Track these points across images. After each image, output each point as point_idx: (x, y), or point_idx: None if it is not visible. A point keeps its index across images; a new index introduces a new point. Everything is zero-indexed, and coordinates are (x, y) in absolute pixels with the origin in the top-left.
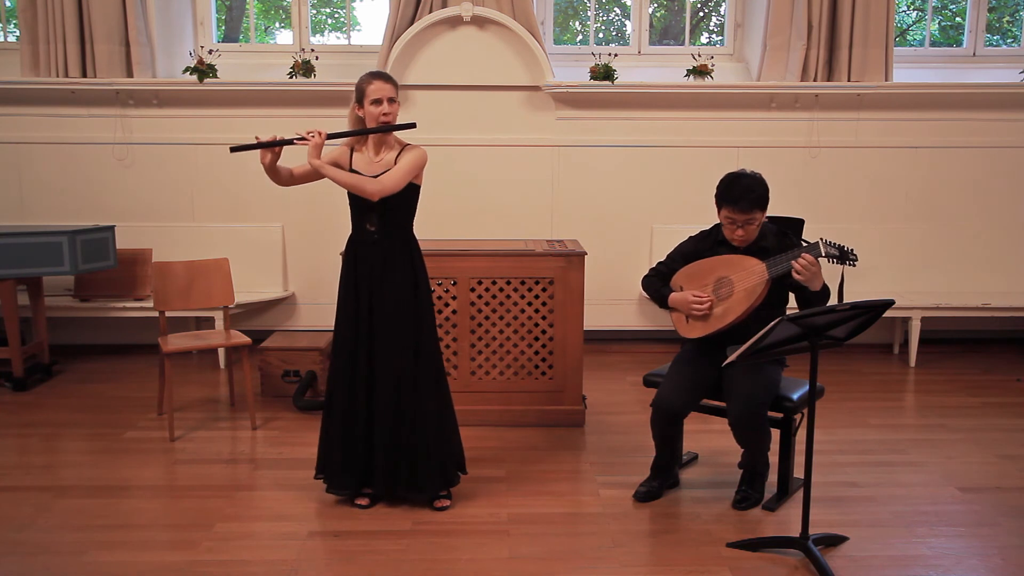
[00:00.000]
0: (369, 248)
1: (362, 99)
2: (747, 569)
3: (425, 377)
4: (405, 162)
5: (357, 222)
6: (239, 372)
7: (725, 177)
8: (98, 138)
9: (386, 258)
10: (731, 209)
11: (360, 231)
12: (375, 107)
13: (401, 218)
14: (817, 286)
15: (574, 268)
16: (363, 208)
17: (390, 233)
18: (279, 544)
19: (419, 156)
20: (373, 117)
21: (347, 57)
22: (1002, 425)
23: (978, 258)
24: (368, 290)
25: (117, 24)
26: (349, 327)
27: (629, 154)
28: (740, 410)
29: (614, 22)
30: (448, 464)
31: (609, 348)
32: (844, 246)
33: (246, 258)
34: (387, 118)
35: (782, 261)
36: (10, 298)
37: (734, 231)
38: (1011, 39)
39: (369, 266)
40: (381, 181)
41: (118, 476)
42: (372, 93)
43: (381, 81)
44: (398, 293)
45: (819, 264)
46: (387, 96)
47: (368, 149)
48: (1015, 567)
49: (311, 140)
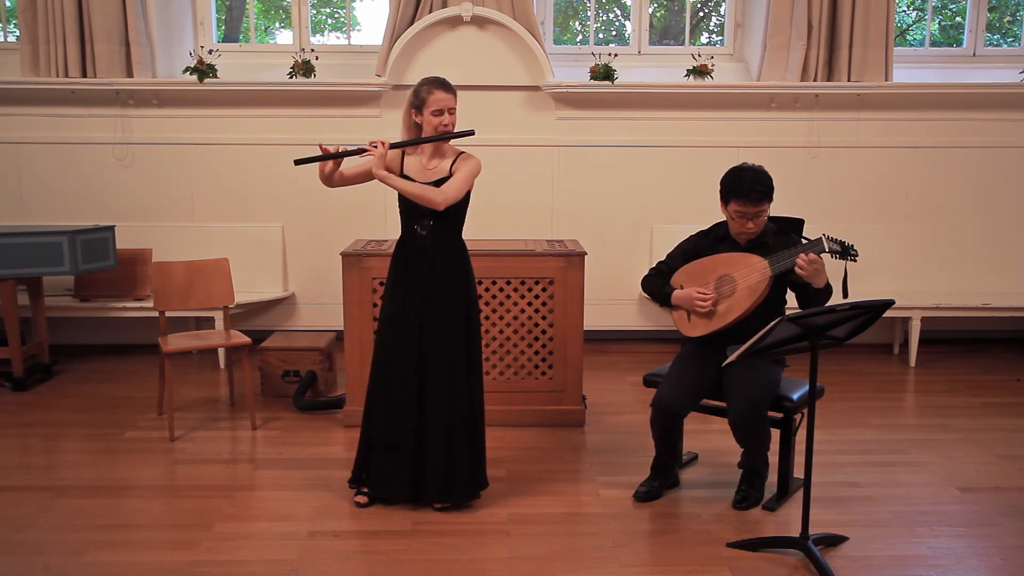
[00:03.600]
0: (420, 251)
1: (422, 107)
2: (747, 569)
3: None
4: (465, 171)
5: (407, 224)
6: (239, 372)
7: (730, 172)
8: (98, 138)
9: (436, 263)
10: (742, 202)
11: (410, 233)
12: (436, 117)
13: (454, 223)
14: (821, 283)
15: (574, 268)
16: (415, 212)
17: (441, 237)
18: (279, 544)
19: (476, 165)
20: (432, 126)
21: (347, 57)
22: (1002, 425)
23: (978, 258)
24: (418, 296)
25: (117, 24)
26: (396, 331)
27: (629, 154)
28: (740, 410)
29: (614, 22)
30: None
31: (609, 348)
32: (845, 241)
33: (246, 258)
34: (446, 128)
35: (785, 258)
36: (10, 298)
37: (744, 224)
38: (1011, 39)
39: (419, 270)
40: (445, 191)
41: (118, 476)
42: (434, 103)
43: (443, 91)
44: (450, 300)
45: (823, 261)
46: (448, 107)
47: (423, 155)
48: (1015, 567)
49: (375, 151)
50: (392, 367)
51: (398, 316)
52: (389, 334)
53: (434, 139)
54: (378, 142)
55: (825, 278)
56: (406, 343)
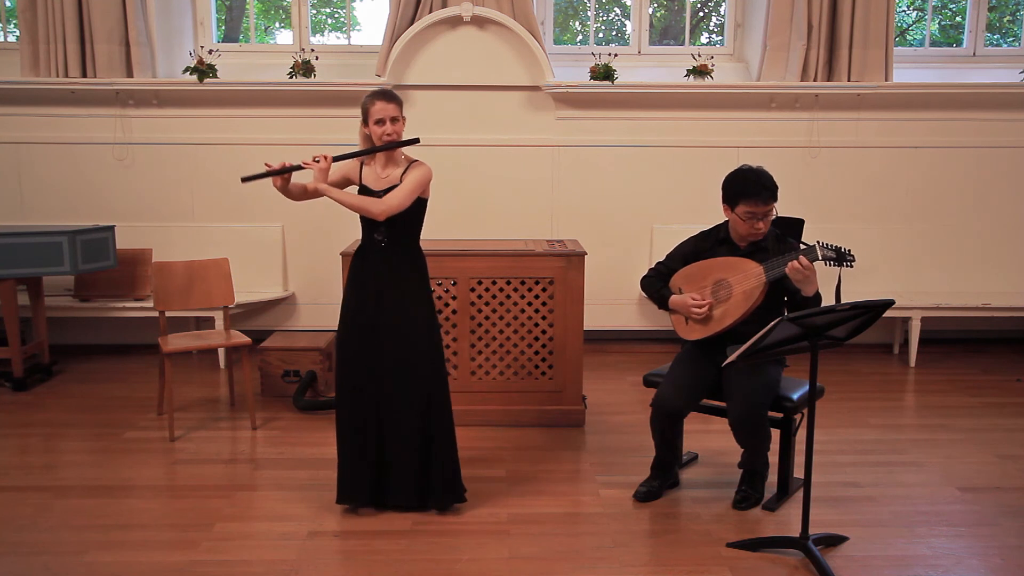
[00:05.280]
0: (377, 256)
1: (366, 118)
2: (747, 569)
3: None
4: (410, 180)
5: (366, 232)
6: (239, 372)
7: (733, 175)
8: (98, 138)
9: (392, 268)
10: (752, 203)
11: (369, 240)
12: (378, 127)
13: (409, 229)
14: (810, 291)
15: (574, 268)
16: (371, 221)
17: (397, 243)
18: (279, 544)
19: (423, 174)
20: (377, 136)
21: (347, 57)
22: (1002, 425)
23: (978, 258)
24: (374, 298)
25: (117, 24)
26: (353, 338)
27: (629, 154)
28: (740, 410)
29: (614, 22)
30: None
31: (609, 348)
32: (841, 247)
33: (246, 258)
34: (390, 137)
35: (780, 264)
36: (10, 298)
37: (754, 224)
38: (1011, 39)
39: (375, 274)
40: (386, 202)
41: (118, 476)
42: (375, 114)
43: (383, 101)
44: (406, 305)
45: (814, 268)
46: (389, 116)
47: (376, 164)
48: (1015, 567)
49: (316, 165)
50: (353, 374)
51: (356, 323)
52: (348, 341)
53: (377, 149)
54: (320, 156)
55: (815, 287)
56: (364, 350)
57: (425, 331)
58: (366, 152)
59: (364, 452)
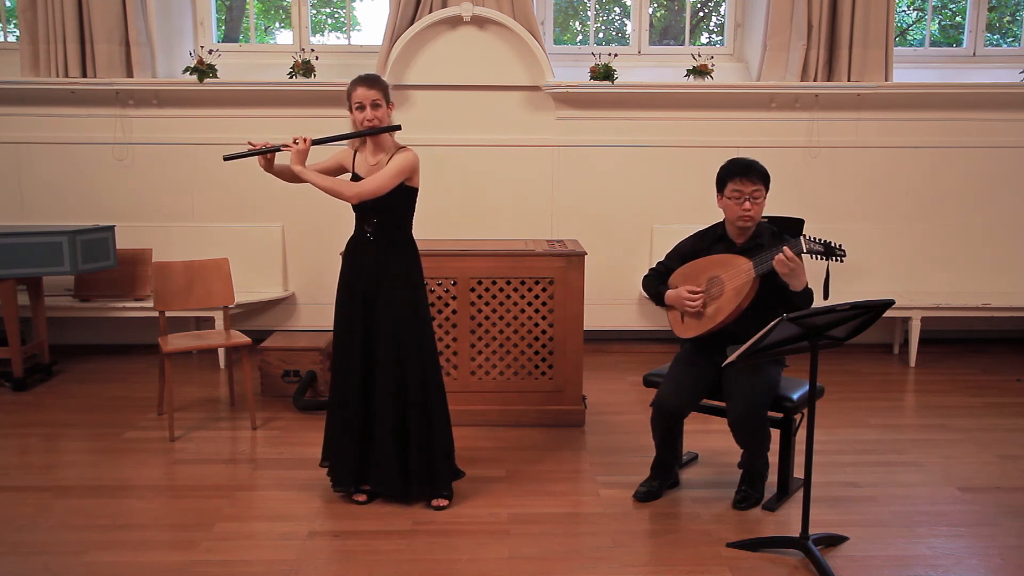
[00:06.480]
0: (366, 248)
1: (350, 105)
2: (747, 569)
3: (422, 371)
4: (391, 166)
5: (358, 223)
6: (239, 372)
7: (723, 164)
8: (98, 138)
9: (381, 259)
10: (739, 181)
11: (359, 231)
12: (359, 112)
13: (398, 220)
14: (798, 286)
15: (574, 268)
16: (363, 209)
17: (387, 235)
18: (279, 544)
19: (406, 160)
20: (358, 121)
21: (347, 57)
22: (1002, 425)
23: (978, 258)
24: (363, 289)
25: (117, 24)
26: (346, 325)
27: (629, 154)
28: (740, 410)
29: (614, 22)
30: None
31: (609, 348)
32: (831, 242)
33: (246, 258)
34: (371, 123)
35: (767, 259)
36: (10, 298)
37: (742, 204)
38: (1011, 39)
39: (365, 265)
40: (361, 185)
41: (118, 476)
42: (355, 99)
43: (364, 87)
44: (393, 292)
45: (800, 262)
46: (369, 100)
47: (367, 152)
48: (1015, 567)
49: (294, 147)
50: (343, 357)
51: (348, 312)
52: (340, 328)
53: (357, 134)
54: (300, 139)
55: (804, 281)
56: (354, 341)
57: (411, 312)
58: (345, 136)
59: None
